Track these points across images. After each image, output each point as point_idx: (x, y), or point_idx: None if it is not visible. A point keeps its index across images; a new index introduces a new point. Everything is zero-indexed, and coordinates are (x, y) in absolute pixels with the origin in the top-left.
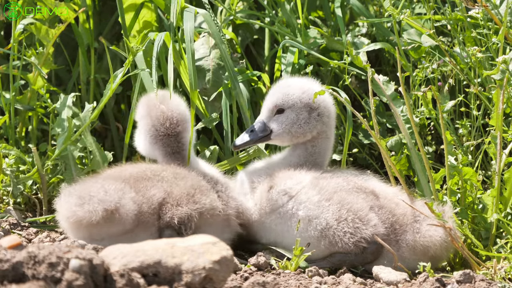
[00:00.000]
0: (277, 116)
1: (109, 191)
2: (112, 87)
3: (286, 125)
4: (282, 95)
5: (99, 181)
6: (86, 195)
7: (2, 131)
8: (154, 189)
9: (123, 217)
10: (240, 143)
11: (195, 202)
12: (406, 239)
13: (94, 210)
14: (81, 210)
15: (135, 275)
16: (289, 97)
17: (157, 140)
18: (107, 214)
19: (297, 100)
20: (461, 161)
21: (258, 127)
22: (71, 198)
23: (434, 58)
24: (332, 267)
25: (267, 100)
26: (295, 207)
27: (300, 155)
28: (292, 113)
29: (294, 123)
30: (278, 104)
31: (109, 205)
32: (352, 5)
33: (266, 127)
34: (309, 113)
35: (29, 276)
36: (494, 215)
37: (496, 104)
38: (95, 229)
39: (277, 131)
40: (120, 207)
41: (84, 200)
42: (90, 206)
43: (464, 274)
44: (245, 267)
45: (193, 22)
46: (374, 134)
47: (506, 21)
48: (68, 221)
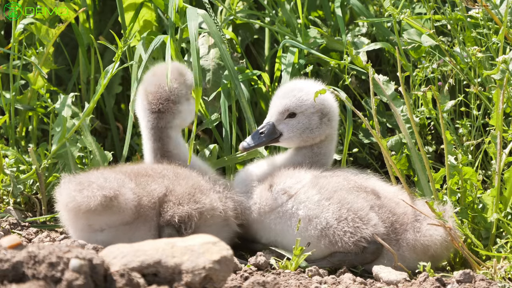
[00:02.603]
0: (288, 119)
1: (109, 178)
2: (104, 83)
3: (297, 130)
4: (296, 100)
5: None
6: (85, 181)
7: (2, 131)
8: (154, 184)
9: (121, 205)
10: (249, 145)
11: (195, 201)
12: (406, 238)
13: (93, 196)
14: (80, 196)
15: (135, 275)
16: (303, 102)
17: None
18: (105, 200)
19: (310, 106)
20: (461, 160)
21: (267, 130)
22: (71, 185)
23: (434, 58)
24: (332, 266)
25: (277, 102)
26: (295, 206)
27: (305, 156)
28: (305, 118)
29: (306, 128)
30: (291, 109)
31: (108, 192)
32: (352, 5)
33: (276, 129)
34: (320, 118)
35: (29, 276)
36: (494, 215)
37: (496, 104)
38: (93, 216)
39: (287, 135)
40: (119, 195)
41: (83, 186)
42: (89, 191)
43: (464, 273)
44: (245, 267)
45: (197, 21)
46: (375, 133)
47: (506, 20)
48: (67, 208)
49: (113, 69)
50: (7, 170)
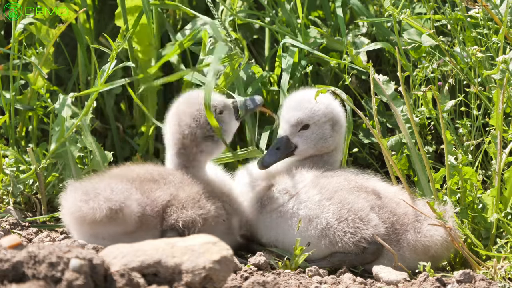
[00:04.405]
0: (301, 132)
1: (116, 190)
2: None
3: (311, 141)
4: (308, 111)
5: (106, 179)
6: (92, 191)
7: (2, 131)
8: (159, 191)
9: (126, 218)
10: (268, 163)
11: (200, 207)
12: (407, 239)
13: (98, 208)
14: (86, 206)
15: (135, 275)
16: (315, 113)
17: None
18: (111, 213)
19: (322, 115)
20: (461, 160)
21: (283, 145)
22: (77, 193)
23: (434, 58)
24: (332, 266)
25: (288, 114)
26: (296, 206)
27: (314, 163)
28: (318, 129)
29: (320, 138)
30: (304, 121)
31: (114, 204)
32: (352, 4)
33: (291, 143)
34: (331, 126)
35: (29, 276)
36: (494, 215)
37: (496, 104)
38: (97, 226)
39: (302, 147)
40: (125, 207)
41: (90, 197)
42: (95, 203)
43: (464, 273)
44: (245, 267)
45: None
46: (376, 133)
47: (506, 20)
48: (72, 216)
49: (109, 69)
50: (7, 170)
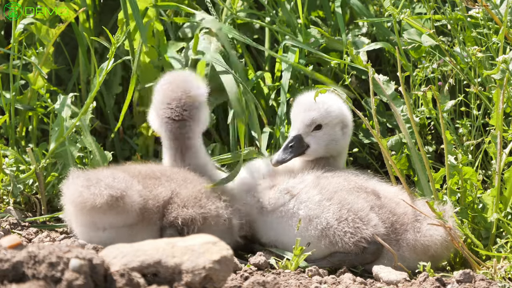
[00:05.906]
0: (314, 132)
1: (118, 178)
2: (99, 80)
3: (323, 141)
4: (323, 111)
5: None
6: (94, 178)
7: (2, 131)
8: (161, 188)
9: (127, 206)
10: (282, 159)
11: (201, 206)
12: (406, 239)
13: (99, 194)
14: (87, 192)
15: (135, 275)
16: (330, 114)
17: (161, 121)
18: (112, 200)
19: (335, 117)
20: (461, 160)
21: (296, 143)
22: (79, 180)
23: (434, 58)
24: (332, 266)
25: (302, 114)
26: (296, 206)
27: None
28: (330, 130)
29: (332, 139)
30: (318, 121)
31: (115, 192)
32: (352, 4)
33: (303, 142)
34: (342, 128)
35: (29, 276)
36: (494, 215)
37: (496, 104)
38: (97, 214)
39: (314, 147)
40: (126, 196)
41: (91, 183)
42: (97, 189)
43: (464, 273)
44: (245, 267)
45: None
46: (375, 133)
47: (506, 20)
48: (73, 202)
49: (108, 65)
50: (7, 170)
